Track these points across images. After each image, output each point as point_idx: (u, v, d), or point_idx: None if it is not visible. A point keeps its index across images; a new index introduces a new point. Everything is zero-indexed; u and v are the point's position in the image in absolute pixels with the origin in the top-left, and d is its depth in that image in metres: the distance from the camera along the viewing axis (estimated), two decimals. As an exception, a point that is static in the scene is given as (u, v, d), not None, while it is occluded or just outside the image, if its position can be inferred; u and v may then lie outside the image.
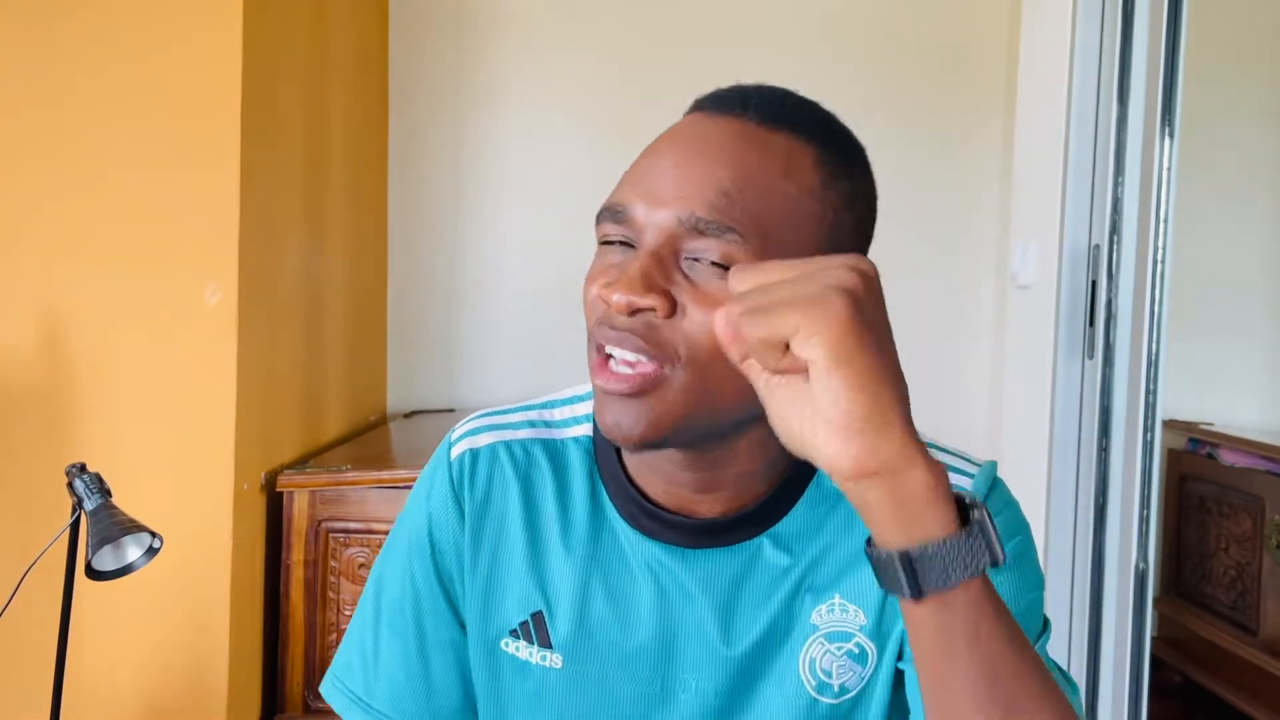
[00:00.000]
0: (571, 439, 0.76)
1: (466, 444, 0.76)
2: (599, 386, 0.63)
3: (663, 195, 0.61)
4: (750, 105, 0.64)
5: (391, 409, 2.78)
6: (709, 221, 0.59)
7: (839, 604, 0.70)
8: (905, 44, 2.76)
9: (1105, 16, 2.01)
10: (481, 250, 2.78)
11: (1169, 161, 1.88)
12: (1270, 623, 2.35)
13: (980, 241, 2.76)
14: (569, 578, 0.72)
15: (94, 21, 1.71)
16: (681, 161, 0.62)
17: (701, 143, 0.63)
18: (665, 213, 0.61)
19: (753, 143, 0.62)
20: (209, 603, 1.74)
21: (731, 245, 0.59)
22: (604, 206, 0.65)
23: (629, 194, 0.63)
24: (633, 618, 0.71)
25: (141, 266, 1.73)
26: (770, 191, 0.61)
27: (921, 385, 2.58)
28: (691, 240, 0.60)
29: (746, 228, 0.60)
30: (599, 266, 0.66)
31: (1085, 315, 2.03)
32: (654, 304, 0.60)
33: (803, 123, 0.64)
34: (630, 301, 0.60)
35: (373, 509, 1.88)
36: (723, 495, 0.69)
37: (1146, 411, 1.91)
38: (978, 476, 0.71)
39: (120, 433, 1.73)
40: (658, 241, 0.61)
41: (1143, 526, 1.92)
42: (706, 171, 0.61)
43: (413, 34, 2.74)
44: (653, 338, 0.61)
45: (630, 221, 0.63)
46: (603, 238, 0.65)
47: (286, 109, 1.98)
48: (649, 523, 0.70)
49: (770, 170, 0.62)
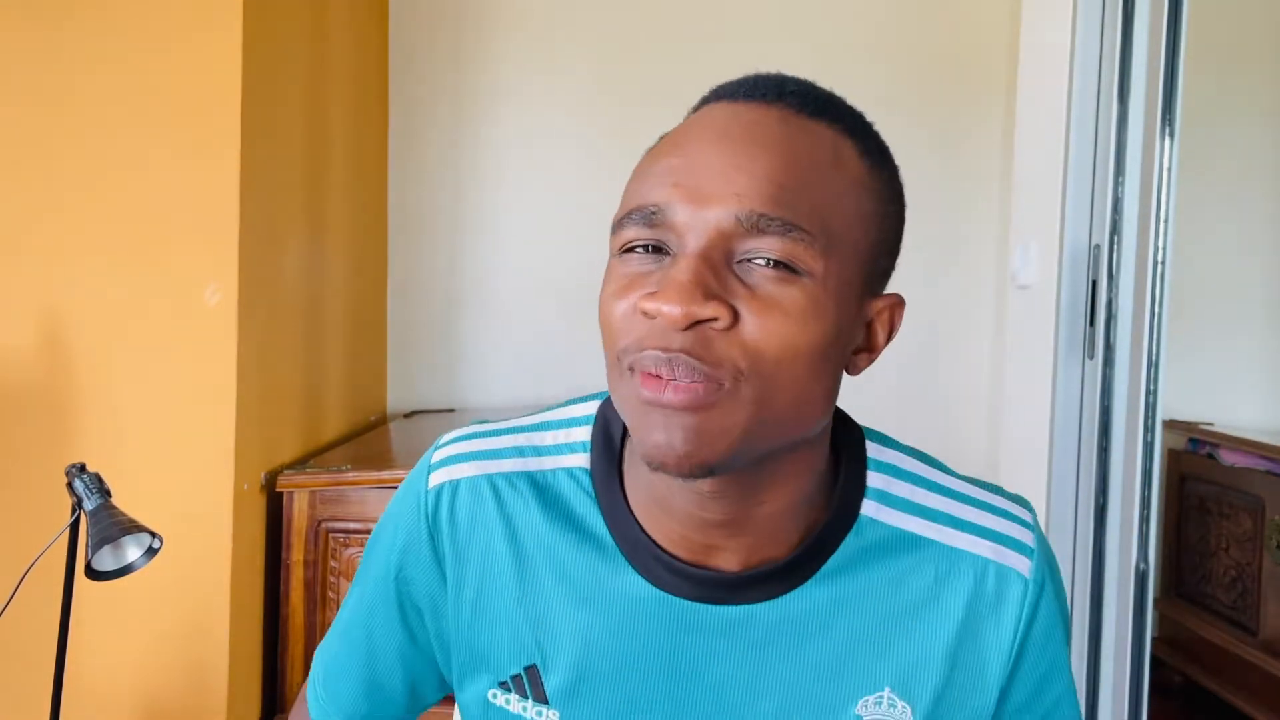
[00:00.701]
0: (564, 470, 0.67)
1: (446, 474, 0.68)
2: (645, 399, 0.54)
3: (711, 192, 0.53)
4: (788, 93, 0.58)
5: (391, 409, 2.78)
6: (771, 218, 0.52)
7: (888, 698, 0.63)
8: (905, 44, 2.76)
9: (1105, 16, 2.01)
10: (481, 250, 2.78)
11: (1169, 161, 1.88)
12: (1270, 623, 2.35)
13: (980, 241, 2.77)
14: (568, 628, 0.64)
15: (94, 21, 1.71)
16: (724, 150, 0.54)
17: (745, 132, 0.55)
18: (717, 211, 0.53)
19: (796, 130, 0.56)
20: (209, 603, 1.74)
21: (796, 243, 0.53)
22: (630, 209, 0.56)
23: (666, 193, 0.55)
24: (640, 675, 0.64)
25: (141, 266, 1.73)
26: (825, 182, 0.55)
27: (922, 385, 2.60)
28: (748, 240, 0.53)
29: (810, 223, 0.53)
30: (621, 278, 0.56)
31: (1085, 315, 2.03)
32: (716, 314, 0.52)
33: (841, 114, 0.60)
34: (689, 312, 0.51)
35: (373, 509, 1.88)
36: (746, 541, 0.61)
37: (1146, 411, 1.91)
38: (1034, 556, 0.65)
39: (120, 433, 1.73)
40: (707, 242, 0.53)
41: (1143, 526, 1.92)
42: (759, 162, 0.54)
43: (413, 34, 2.74)
44: (711, 356, 0.52)
45: (667, 224, 0.54)
46: (625, 245, 0.56)
47: (286, 109, 1.98)
48: (664, 574, 0.62)
49: (821, 160, 0.56)
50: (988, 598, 0.64)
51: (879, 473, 0.66)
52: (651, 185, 0.56)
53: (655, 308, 0.52)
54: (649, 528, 0.63)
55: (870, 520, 0.64)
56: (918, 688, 0.63)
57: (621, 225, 0.56)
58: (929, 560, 0.64)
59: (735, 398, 0.53)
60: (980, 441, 2.74)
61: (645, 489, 0.63)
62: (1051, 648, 0.67)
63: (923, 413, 2.75)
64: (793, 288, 0.53)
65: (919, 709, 0.63)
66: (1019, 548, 0.65)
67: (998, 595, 0.64)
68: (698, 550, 0.62)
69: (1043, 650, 0.66)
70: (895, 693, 0.63)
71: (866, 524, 0.64)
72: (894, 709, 0.63)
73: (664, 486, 0.61)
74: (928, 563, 0.64)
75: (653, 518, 0.63)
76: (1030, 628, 0.65)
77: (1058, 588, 0.68)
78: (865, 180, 0.58)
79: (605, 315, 0.57)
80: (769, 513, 0.61)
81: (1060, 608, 0.67)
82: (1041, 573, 0.65)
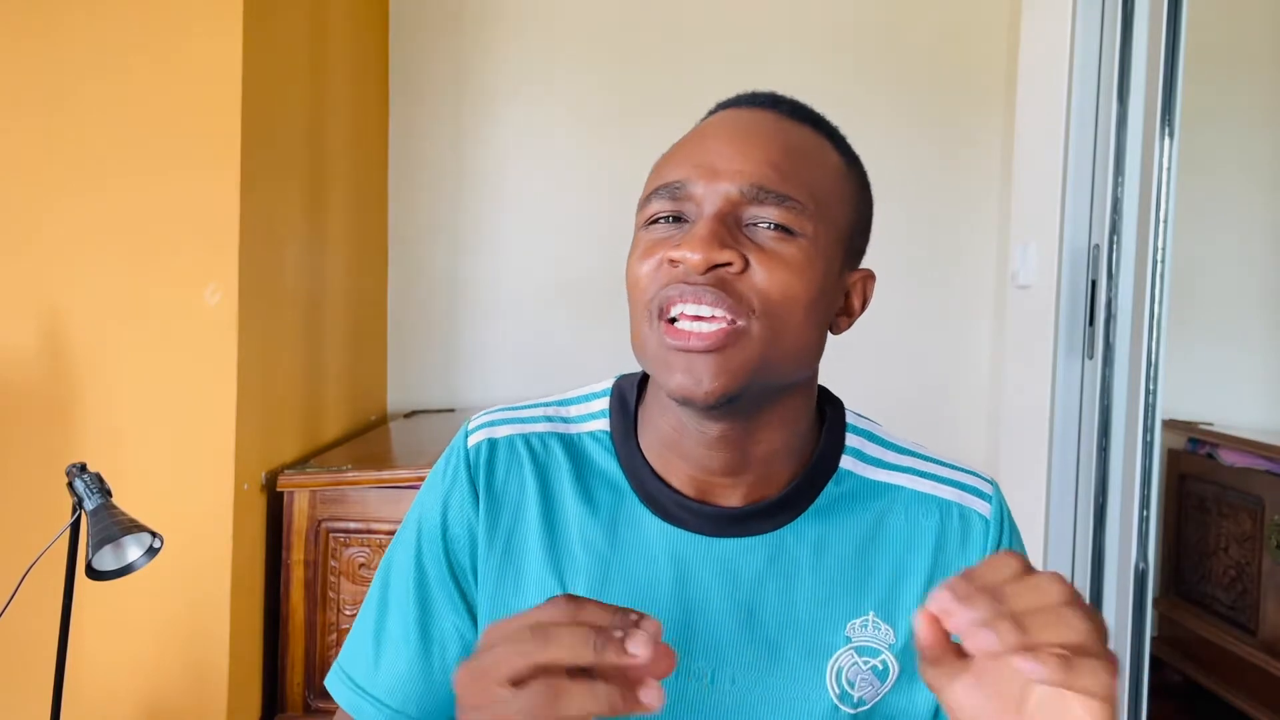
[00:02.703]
0: (588, 434, 0.77)
1: (485, 434, 0.76)
2: (671, 346, 0.65)
3: (721, 169, 0.66)
4: (780, 103, 0.72)
5: (391, 409, 2.78)
6: (768, 190, 0.65)
7: (873, 620, 0.72)
8: (905, 45, 2.76)
9: (1105, 16, 2.01)
10: (481, 250, 2.78)
11: (1169, 161, 1.88)
12: (1270, 623, 2.35)
13: (980, 241, 2.77)
14: (588, 567, 0.72)
15: (95, 22, 1.71)
16: (732, 140, 0.68)
17: (746, 126, 0.69)
18: (726, 184, 0.66)
19: (791, 128, 0.70)
20: (209, 603, 1.74)
21: (791, 210, 0.65)
22: (653, 188, 0.69)
23: (686, 171, 0.67)
24: (652, 605, 0.71)
25: (142, 266, 1.73)
26: (812, 166, 0.68)
27: (922, 385, 2.60)
28: (752, 208, 0.65)
29: (802, 195, 0.66)
30: (649, 242, 0.68)
31: (1085, 315, 2.03)
32: (730, 258, 0.63)
33: (821, 122, 0.73)
34: (708, 257, 0.63)
35: (373, 509, 1.88)
36: (747, 478, 0.71)
37: (1146, 411, 1.91)
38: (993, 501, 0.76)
39: (120, 433, 1.73)
40: (720, 207, 0.65)
41: (1143, 526, 1.92)
42: (758, 147, 0.67)
43: (413, 34, 2.74)
44: (730, 291, 0.64)
45: (687, 196, 0.67)
46: (652, 216, 0.68)
47: (287, 110, 1.98)
48: (674, 510, 0.72)
49: (809, 149, 0.69)
50: (953, 534, 0.74)
51: (857, 435, 0.77)
52: (673, 167, 0.68)
53: (681, 255, 0.64)
54: (663, 474, 0.73)
55: (848, 472, 0.75)
56: (898, 612, 0.72)
57: (648, 201, 0.69)
58: (899, 502, 0.75)
59: (748, 335, 0.64)
60: (980, 441, 2.74)
61: (659, 441, 0.73)
62: None
63: (923, 412, 2.75)
64: (791, 245, 0.65)
65: (900, 631, 0.72)
66: (978, 494, 0.76)
67: (963, 532, 0.75)
68: (704, 490, 0.72)
69: None
70: (878, 616, 0.72)
71: (845, 475, 0.75)
72: (879, 630, 0.72)
73: (676, 434, 0.71)
74: (898, 504, 0.75)
75: (666, 465, 0.73)
76: None
77: (1018, 537, 0.78)
78: (843, 170, 0.71)
79: (633, 273, 0.68)
80: (763, 454, 0.71)
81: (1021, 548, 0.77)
82: (1001, 513, 0.76)
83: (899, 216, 2.72)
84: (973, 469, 0.78)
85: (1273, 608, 2.35)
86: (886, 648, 0.71)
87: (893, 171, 2.73)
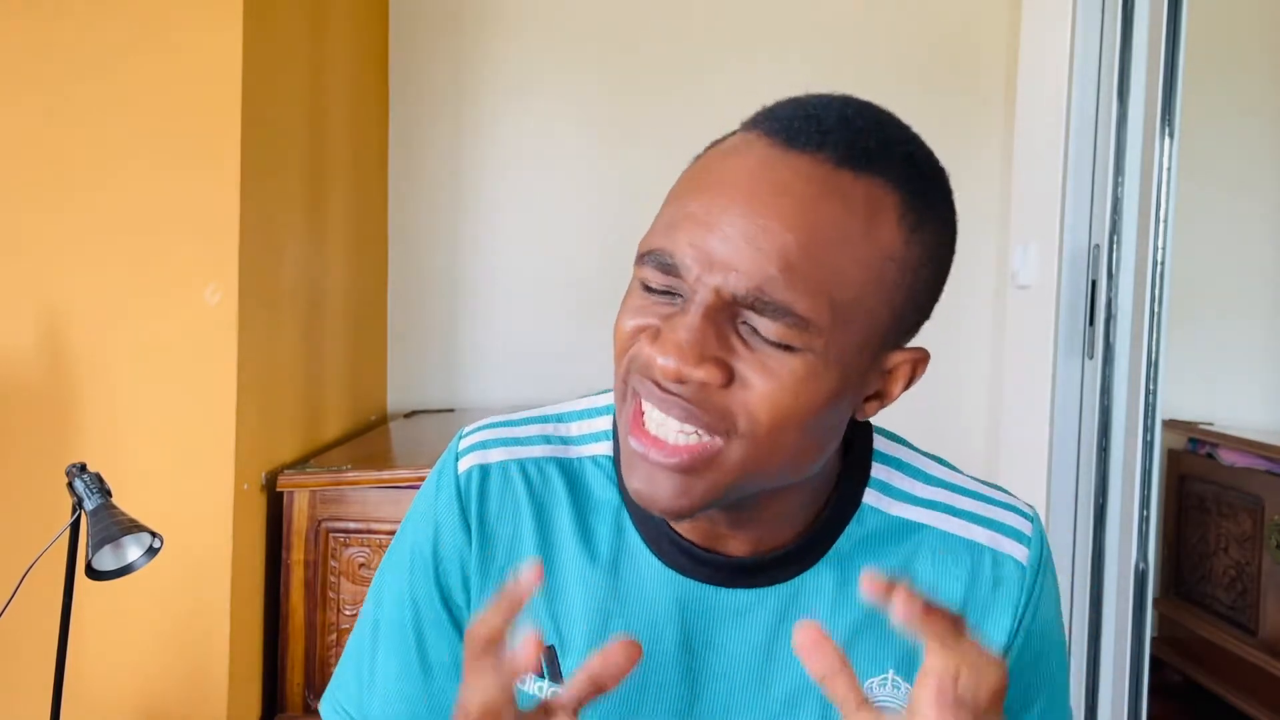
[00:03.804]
0: (589, 458, 0.70)
1: (475, 458, 0.70)
2: (634, 450, 0.57)
3: (719, 259, 0.54)
4: (829, 141, 0.56)
5: (391, 409, 2.78)
6: (769, 301, 0.53)
7: (892, 679, 0.66)
8: (905, 44, 2.76)
9: (1105, 16, 2.01)
10: (482, 250, 2.77)
11: (1169, 161, 1.88)
12: (1270, 623, 2.35)
13: (980, 241, 2.76)
14: (586, 609, 0.67)
15: (95, 22, 1.71)
16: (749, 216, 0.54)
17: (770, 193, 0.54)
18: (721, 279, 0.54)
19: (830, 193, 0.55)
20: (209, 603, 1.74)
21: (792, 328, 0.54)
22: (648, 249, 0.57)
23: (679, 245, 0.55)
24: (656, 656, 0.65)
25: (142, 266, 1.73)
26: (845, 259, 0.54)
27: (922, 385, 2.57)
28: (748, 313, 0.54)
29: (815, 308, 0.53)
30: (637, 304, 0.58)
31: (1085, 315, 2.03)
32: (707, 377, 0.54)
33: (888, 163, 0.57)
34: (681, 372, 0.53)
35: (373, 509, 1.88)
36: (754, 532, 0.64)
37: (1146, 411, 1.91)
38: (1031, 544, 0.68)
39: (120, 433, 1.73)
40: (712, 303, 0.54)
41: (1143, 526, 1.92)
42: (773, 237, 0.53)
43: (413, 34, 2.74)
44: (707, 406, 0.55)
45: (680, 276, 0.55)
46: (644, 282, 0.58)
47: (286, 109, 1.98)
48: (679, 557, 0.65)
49: (849, 231, 0.55)
50: (984, 581, 0.66)
51: (883, 465, 0.69)
52: (672, 231, 0.56)
53: (652, 356, 0.55)
54: None
55: (871, 509, 0.67)
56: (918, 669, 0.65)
57: (642, 261, 0.58)
58: (926, 545, 0.67)
59: (723, 457, 0.56)
60: (980, 441, 2.74)
61: None
62: (1049, 634, 0.70)
63: (922, 412, 2.74)
64: (792, 358, 0.55)
65: None
66: (1016, 536, 0.68)
67: (995, 579, 0.67)
68: (709, 537, 0.65)
69: (1042, 636, 0.69)
70: (898, 674, 0.65)
71: (868, 512, 0.67)
72: (898, 690, 0.65)
73: None
74: (925, 547, 0.67)
75: None
76: (1026, 614, 0.67)
77: (1053, 578, 0.70)
78: (898, 249, 0.56)
79: (617, 329, 0.59)
80: (774, 513, 0.64)
81: (1055, 598, 0.70)
82: (1040, 557, 0.68)
83: (899, 216, 2.71)
84: (1012, 502, 0.70)
85: (1273, 608, 2.35)
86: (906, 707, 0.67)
87: (893, 171, 2.73)
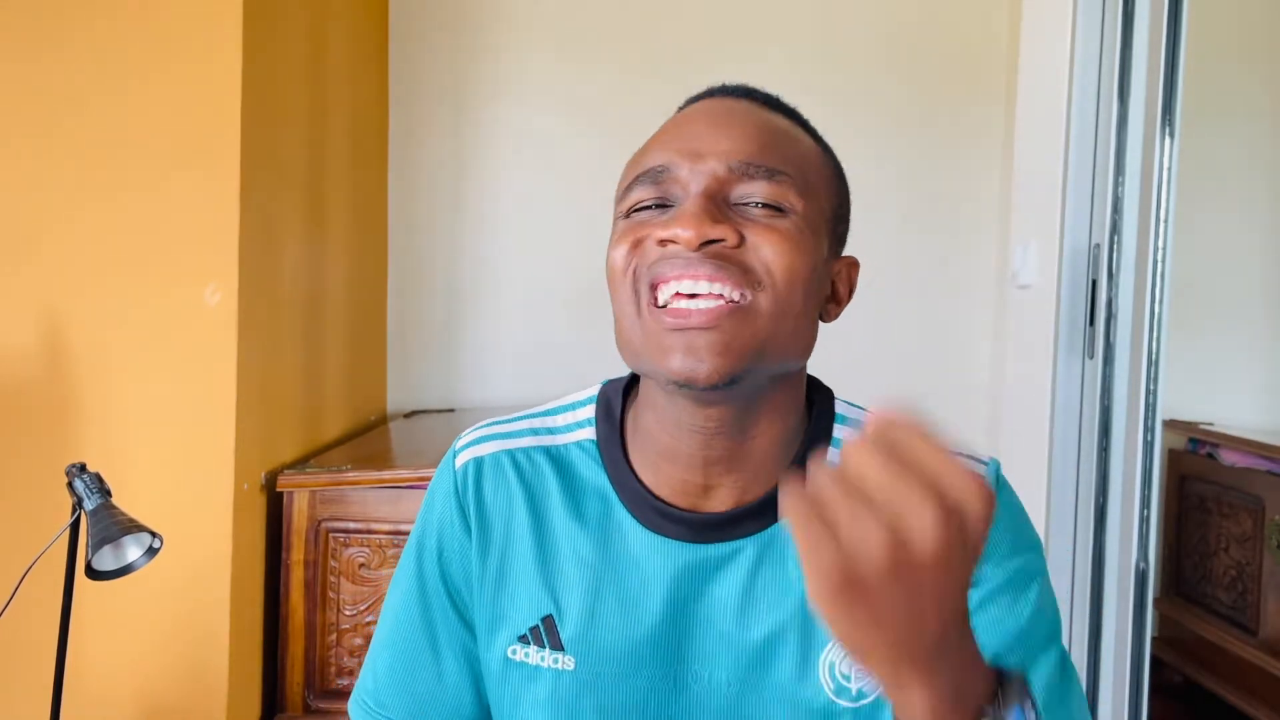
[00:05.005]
0: (575, 444, 0.76)
1: (470, 453, 0.76)
2: (668, 326, 0.61)
3: (706, 149, 0.64)
4: (752, 93, 0.71)
5: (391, 409, 2.78)
6: (758, 165, 0.63)
7: None
8: (906, 45, 2.76)
9: (1105, 16, 2.01)
10: (481, 250, 2.78)
11: (1169, 161, 1.88)
12: (1270, 623, 2.35)
13: (980, 241, 2.76)
14: (579, 579, 0.72)
15: (96, 23, 1.71)
16: (713, 123, 0.66)
17: (725, 110, 0.67)
18: (712, 163, 0.63)
19: (765, 114, 0.68)
20: (209, 603, 1.74)
21: (781, 184, 0.63)
22: (635, 175, 0.66)
23: (668, 155, 0.65)
24: (644, 614, 0.70)
25: (141, 266, 1.73)
26: (793, 148, 0.67)
27: (922, 385, 2.60)
28: (741, 185, 0.63)
29: (790, 168, 0.64)
30: (632, 227, 0.65)
31: (1085, 315, 2.03)
32: (724, 233, 0.61)
33: (793, 112, 0.72)
34: (701, 232, 0.60)
35: (373, 509, 1.88)
36: (738, 479, 0.69)
37: (1146, 411, 1.91)
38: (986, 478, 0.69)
39: (120, 433, 1.73)
40: (708, 186, 0.63)
41: (1143, 526, 1.92)
42: (740, 126, 0.65)
43: (413, 34, 2.74)
44: (732, 263, 0.61)
45: (672, 180, 0.64)
46: (634, 204, 0.66)
47: (286, 110, 1.98)
48: (660, 520, 0.70)
49: (788, 132, 0.68)
50: None
51: (845, 426, 0.74)
52: (654, 153, 0.66)
53: (671, 233, 0.61)
54: (650, 483, 0.71)
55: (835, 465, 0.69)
56: None
57: (629, 190, 0.66)
58: None
59: (753, 311, 0.61)
60: (980, 441, 2.74)
61: (648, 446, 0.71)
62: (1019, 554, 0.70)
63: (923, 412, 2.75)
64: (784, 220, 0.63)
65: None
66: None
67: None
68: (695, 495, 0.70)
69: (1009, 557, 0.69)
70: None
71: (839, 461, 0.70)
72: None
73: (668, 435, 0.68)
74: None
75: (655, 471, 0.71)
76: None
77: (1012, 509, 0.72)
78: (821, 156, 0.70)
79: (614, 260, 0.65)
80: (759, 447, 0.69)
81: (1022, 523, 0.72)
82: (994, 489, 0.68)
83: (899, 216, 2.72)
84: (971, 451, 0.73)
85: (1273, 608, 2.35)
86: None
87: (893, 172, 2.73)
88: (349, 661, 1.88)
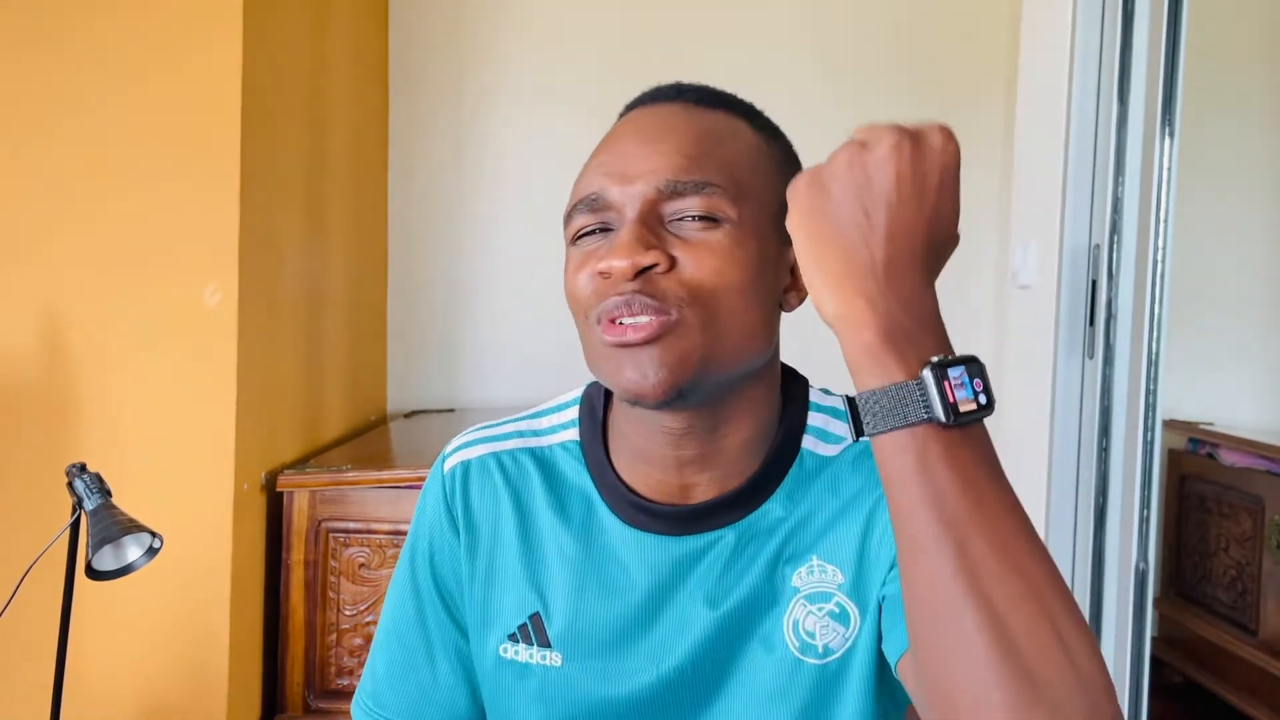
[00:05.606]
0: (559, 445, 0.78)
1: (459, 457, 0.79)
2: (612, 344, 0.65)
3: (634, 173, 0.66)
4: (684, 93, 0.71)
5: (391, 409, 2.78)
6: (684, 181, 0.65)
7: (817, 565, 0.71)
8: (905, 44, 2.76)
9: (1105, 16, 2.01)
10: (481, 250, 2.78)
11: (1169, 161, 1.88)
12: (1270, 623, 2.35)
13: (980, 241, 2.76)
14: (564, 577, 0.74)
15: (96, 23, 1.71)
16: (640, 140, 0.67)
17: (652, 123, 0.69)
18: (640, 185, 0.65)
19: (697, 116, 0.69)
20: (209, 603, 1.74)
21: (712, 196, 0.65)
22: (573, 204, 0.68)
23: (600, 182, 0.67)
24: (626, 608, 0.72)
25: (141, 266, 1.73)
26: (726, 147, 0.68)
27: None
28: (672, 203, 0.65)
29: (719, 178, 0.65)
30: (579, 258, 0.68)
31: (1085, 315, 2.03)
32: (654, 259, 0.63)
33: (732, 103, 0.72)
34: (633, 262, 0.63)
35: (373, 509, 1.88)
36: (714, 475, 0.71)
37: (1146, 411, 1.91)
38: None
39: (120, 433, 1.73)
40: (639, 210, 0.65)
41: (1143, 526, 1.92)
42: (668, 143, 0.66)
43: (413, 34, 2.74)
44: (658, 292, 0.63)
45: (606, 205, 0.66)
46: (577, 231, 0.68)
47: (287, 110, 1.98)
48: (641, 516, 0.72)
49: (720, 132, 0.69)
50: None
51: (820, 413, 0.76)
52: (588, 179, 0.68)
53: (608, 266, 0.64)
54: (631, 482, 0.73)
55: (810, 453, 0.74)
56: (841, 552, 0.71)
57: (570, 217, 0.69)
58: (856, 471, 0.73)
59: (685, 326, 0.64)
60: (980, 441, 2.73)
61: (627, 448, 0.73)
62: None
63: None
64: (716, 232, 0.65)
65: (846, 570, 0.71)
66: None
67: None
68: (674, 493, 0.72)
69: None
70: (821, 559, 0.71)
71: (807, 456, 0.74)
72: (824, 573, 0.71)
73: (644, 439, 0.71)
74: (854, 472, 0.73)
75: (635, 472, 0.73)
76: None
77: None
78: (762, 147, 0.70)
79: (570, 289, 0.68)
80: (732, 444, 0.71)
81: None
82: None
83: (899, 216, 2.72)
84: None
85: (1273, 608, 2.35)
86: (836, 588, 0.71)
87: (893, 171, 2.72)
88: (349, 661, 1.89)
